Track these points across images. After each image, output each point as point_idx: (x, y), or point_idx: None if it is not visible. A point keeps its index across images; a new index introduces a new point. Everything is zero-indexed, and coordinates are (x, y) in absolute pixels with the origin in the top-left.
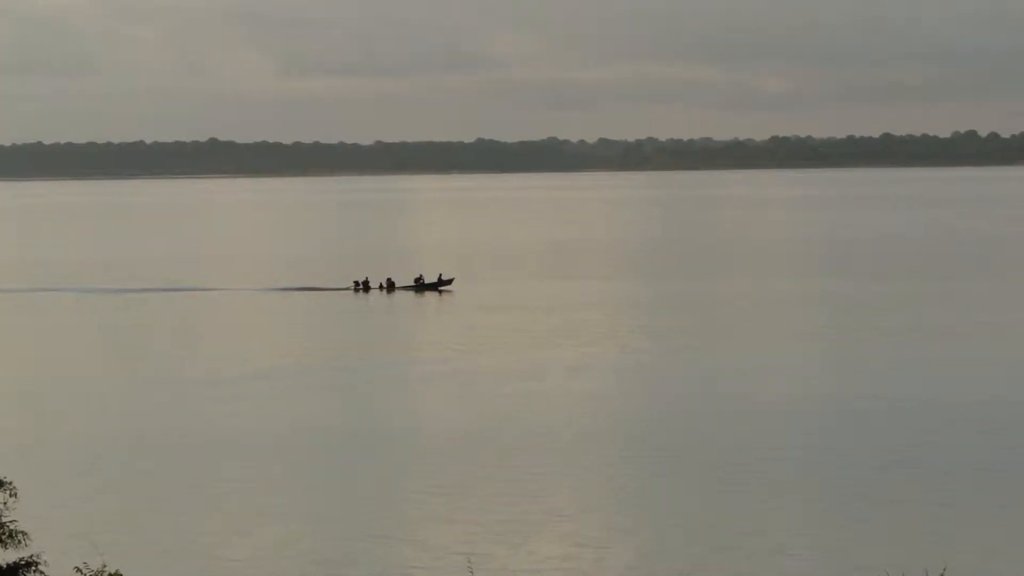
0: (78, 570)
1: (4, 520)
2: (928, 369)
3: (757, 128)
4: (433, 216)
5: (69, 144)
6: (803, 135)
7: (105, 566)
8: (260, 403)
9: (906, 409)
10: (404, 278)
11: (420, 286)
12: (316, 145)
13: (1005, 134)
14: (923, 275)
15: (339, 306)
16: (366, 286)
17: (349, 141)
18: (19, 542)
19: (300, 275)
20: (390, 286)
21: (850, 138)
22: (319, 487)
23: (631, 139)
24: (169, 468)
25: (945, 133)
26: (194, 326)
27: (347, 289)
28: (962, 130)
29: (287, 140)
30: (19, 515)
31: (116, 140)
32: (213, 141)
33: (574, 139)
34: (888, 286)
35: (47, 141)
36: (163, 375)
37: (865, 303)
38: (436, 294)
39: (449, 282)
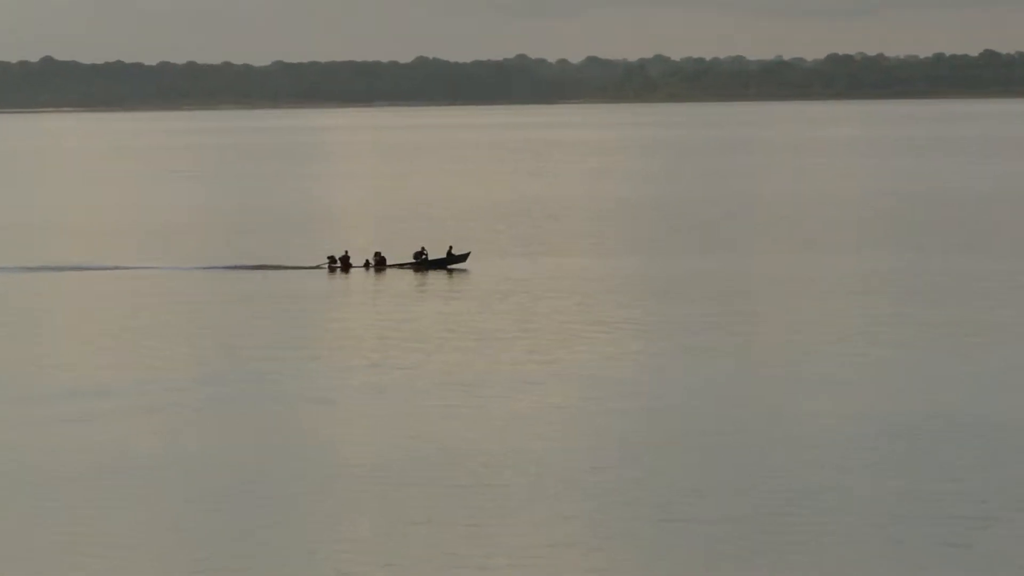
0: None
1: None
2: None
3: (808, 44)
4: (356, 166)
5: None
6: (871, 53)
7: None
8: (165, 426)
9: (993, 438)
10: (398, 252)
11: (422, 263)
12: (191, 67)
13: None
14: None
15: (306, 291)
16: (345, 263)
17: (237, 61)
18: None
19: (242, 248)
20: (379, 263)
21: (938, 57)
22: (249, 530)
23: (631, 58)
24: (42, 507)
25: None
26: (103, 319)
27: (319, 267)
28: None
29: (150, 60)
30: None
31: None
32: (48, 62)
33: (551, 58)
34: (984, 264)
35: None
36: (45, 390)
37: (951, 289)
38: (445, 273)
39: (463, 258)
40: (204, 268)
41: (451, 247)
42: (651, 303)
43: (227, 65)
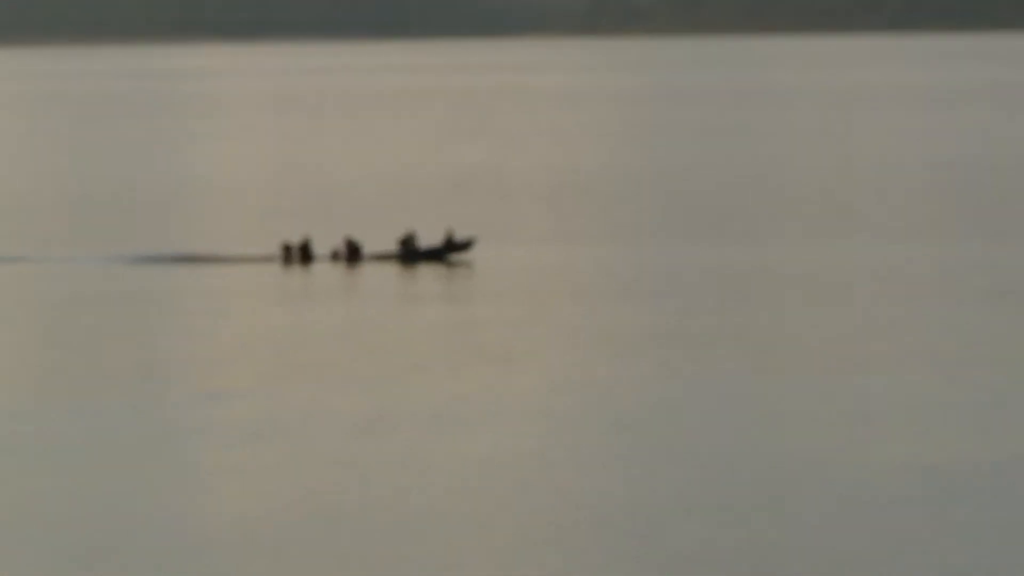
0: None
1: None
2: None
3: None
4: (251, 123)
5: None
6: None
7: None
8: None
9: None
10: (378, 238)
11: (411, 253)
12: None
13: None
14: None
15: (244, 290)
16: (305, 253)
17: None
18: None
19: (153, 233)
20: (351, 253)
21: None
22: None
23: None
24: None
25: None
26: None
27: (270, 259)
28: None
29: None
30: None
31: None
32: None
33: None
34: None
35: None
36: None
37: None
38: (441, 267)
39: (466, 246)
40: (91, 260)
41: (451, 231)
42: (668, 305)
43: None
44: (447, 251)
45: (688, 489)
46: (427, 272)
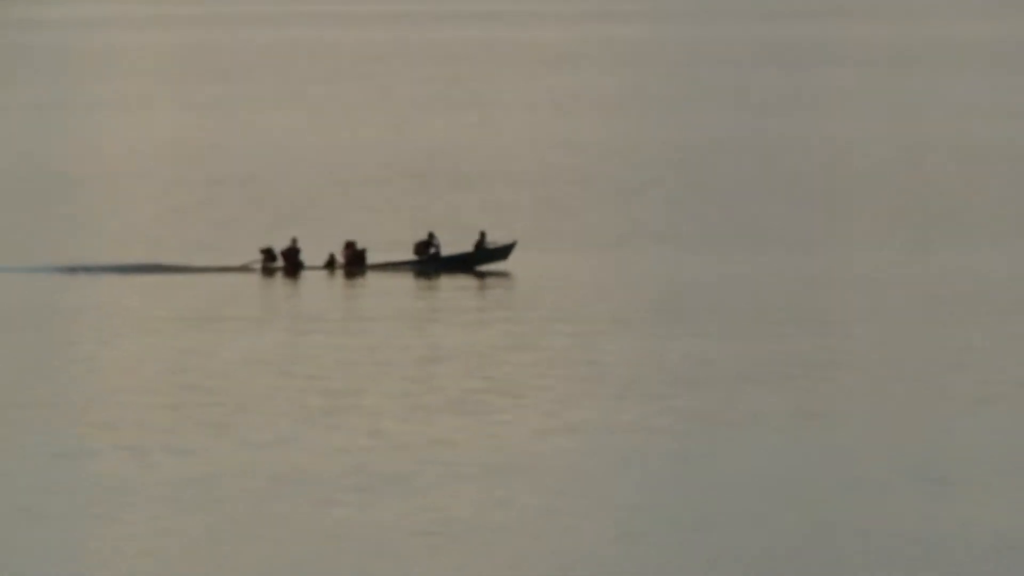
0: None
1: None
2: None
3: None
4: (131, 84)
5: None
6: None
7: None
8: None
9: None
10: (389, 242)
11: (431, 260)
12: None
13: None
14: None
15: (205, 308)
16: (291, 260)
17: None
18: None
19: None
20: (352, 259)
21: None
22: None
23: None
24: None
25: None
26: None
27: (248, 267)
28: None
29: None
30: None
31: None
32: None
33: None
34: None
35: None
36: None
37: None
38: (470, 278)
39: (505, 251)
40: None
41: (483, 234)
42: (701, 331)
43: None
44: (478, 259)
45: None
46: (448, 286)
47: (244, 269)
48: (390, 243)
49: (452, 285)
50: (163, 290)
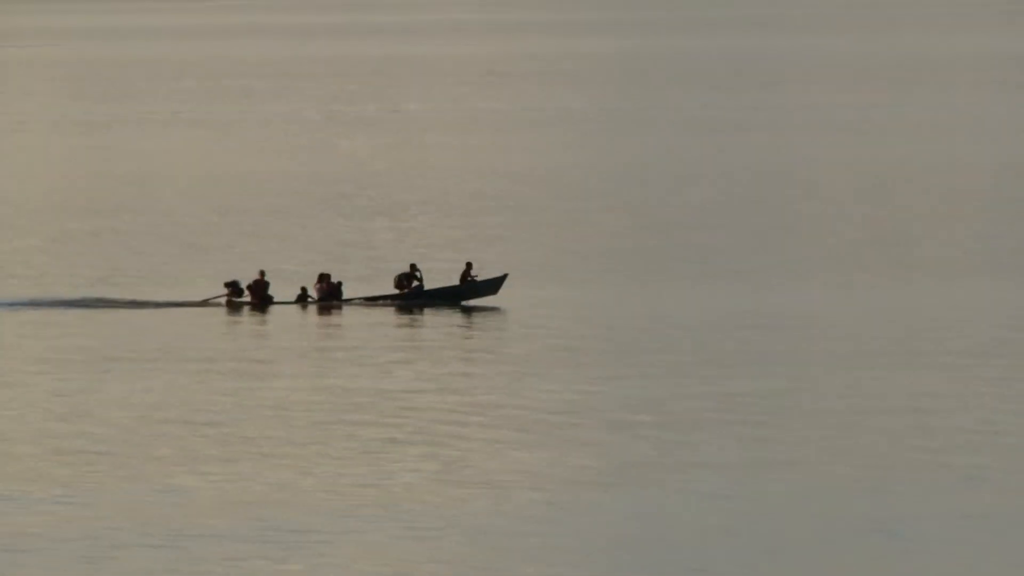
0: None
1: None
2: None
3: None
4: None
5: None
6: None
7: None
8: None
9: None
10: (354, 275)
11: (413, 293)
12: None
13: None
14: None
15: (155, 348)
16: (259, 294)
17: None
18: None
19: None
20: (328, 294)
21: None
22: None
23: None
24: None
25: None
26: None
27: (209, 302)
28: None
29: None
30: None
31: None
32: None
33: None
34: None
35: None
36: None
37: None
38: (456, 313)
39: (493, 285)
40: None
41: (469, 265)
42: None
43: None
44: (465, 293)
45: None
46: (435, 320)
47: (206, 304)
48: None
49: (435, 319)
50: (99, 327)
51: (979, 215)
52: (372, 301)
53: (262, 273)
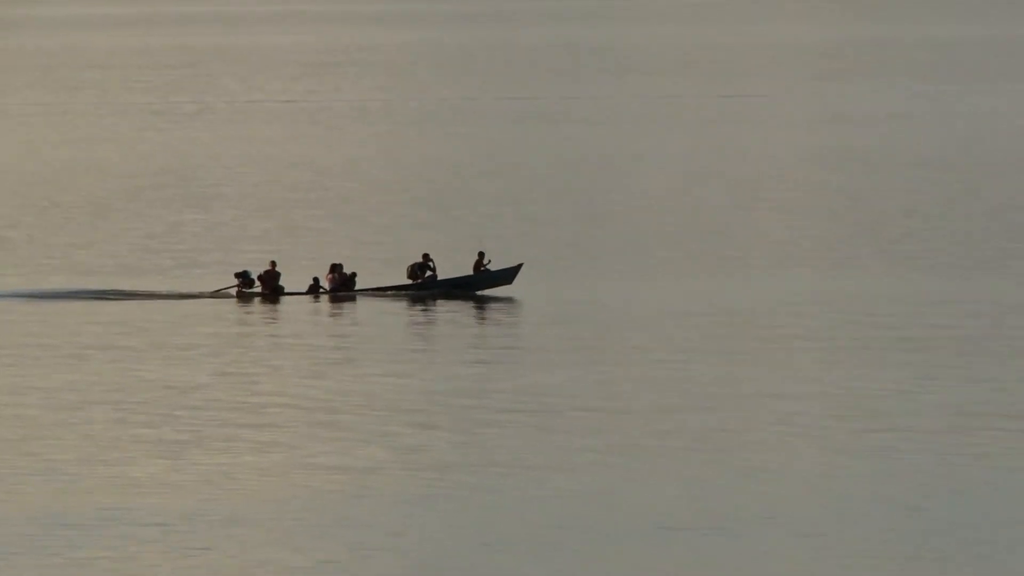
0: None
1: None
2: None
3: None
4: None
5: None
6: None
7: None
8: None
9: None
10: (371, 262)
11: (426, 283)
12: None
13: None
14: None
15: (165, 339)
16: (270, 284)
17: None
18: None
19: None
20: (340, 284)
21: None
22: None
23: None
24: None
25: None
26: None
27: (220, 293)
28: None
29: None
30: None
31: None
32: None
33: None
34: None
35: None
36: None
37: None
38: (468, 305)
39: (508, 274)
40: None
41: (482, 255)
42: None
43: None
44: (478, 283)
45: None
46: (446, 311)
47: (217, 295)
48: (307, 266)
49: (448, 310)
50: (110, 318)
51: (796, 205)
52: (385, 291)
53: (273, 264)
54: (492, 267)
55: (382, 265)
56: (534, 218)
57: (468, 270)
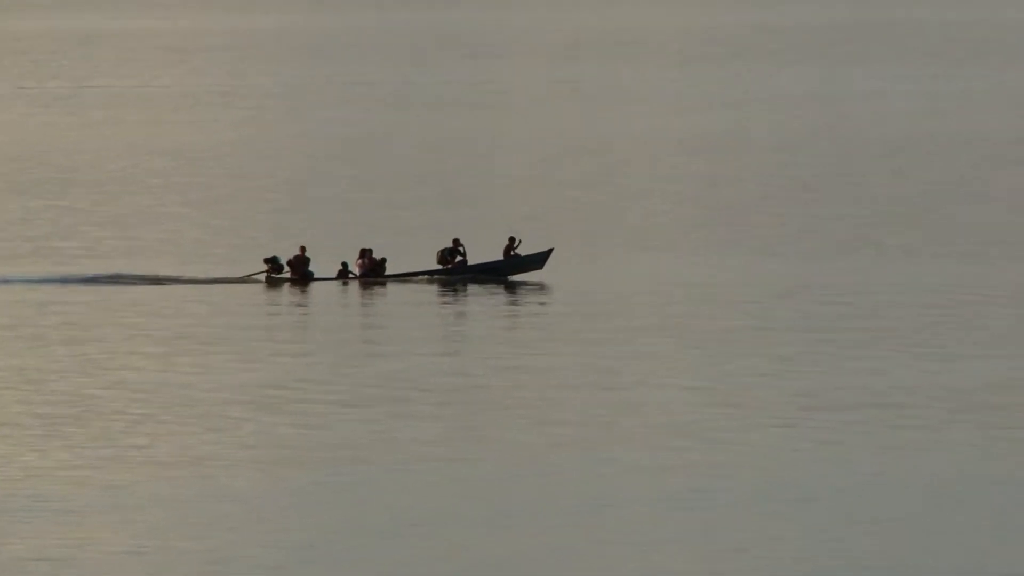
0: None
1: None
2: None
3: None
4: None
5: None
6: None
7: None
8: None
9: None
10: (396, 250)
11: (456, 268)
12: None
13: None
14: None
15: (189, 326)
16: (299, 270)
17: None
18: None
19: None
20: (370, 270)
21: None
22: None
23: None
24: None
25: None
26: None
27: (251, 278)
28: None
29: None
30: None
31: None
32: None
33: None
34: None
35: None
36: None
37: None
38: (499, 289)
39: (539, 259)
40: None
41: (512, 239)
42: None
43: None
44: (508, 268)
45: None
46: (478, 296)
47: (247, 280)
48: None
49: (480, 295)
50: (142, 304)
51: (655, 189)
52: (415, 276)
53: (303, 249)
54: (521, 251)
55: (238, 252)
56: (390, 203)
57: (499, 254)
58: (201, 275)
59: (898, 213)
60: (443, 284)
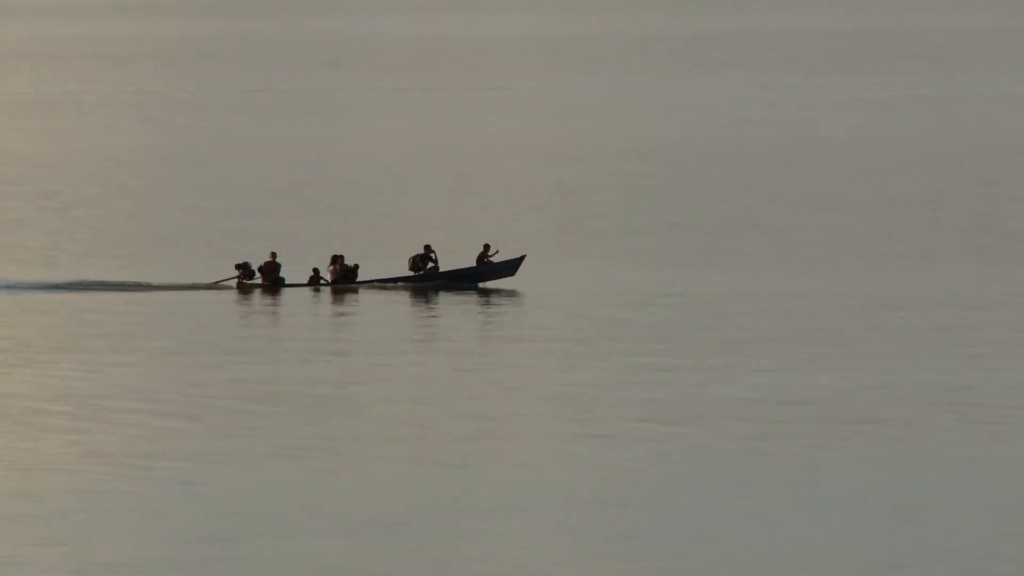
0: None
1: None
2: None
3: None
4: None
5: None
6: None
7: None
8: None
9: None
10: (370, 256)
11: (428, 275)
12: None
13: None
14: None
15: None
16: (270, 276)
17: None
18: None
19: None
20: (342, 276)
21: None
22: None
23: None
24: None
25: None
26: None
27: (220, 284)
28: None
29: None
30: None
31: None
32: None
33: None
34: None
35: None
36: None
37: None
38: (472, 296)
39: (511, 266)
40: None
41: (487, 247)
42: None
43: None
44: (481, 274)
45: None
46: (450, 303)
47: (217, 287)
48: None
49: (452, 302)
50: (108, 310)
51: (506, 197)
52: (386, 283)
53: (273, 255)
54: (495, 259)
55: (83, 258)
56: (252, 211)
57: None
58: (173, 281)
59: (746, 220)
60: (414, 291)
